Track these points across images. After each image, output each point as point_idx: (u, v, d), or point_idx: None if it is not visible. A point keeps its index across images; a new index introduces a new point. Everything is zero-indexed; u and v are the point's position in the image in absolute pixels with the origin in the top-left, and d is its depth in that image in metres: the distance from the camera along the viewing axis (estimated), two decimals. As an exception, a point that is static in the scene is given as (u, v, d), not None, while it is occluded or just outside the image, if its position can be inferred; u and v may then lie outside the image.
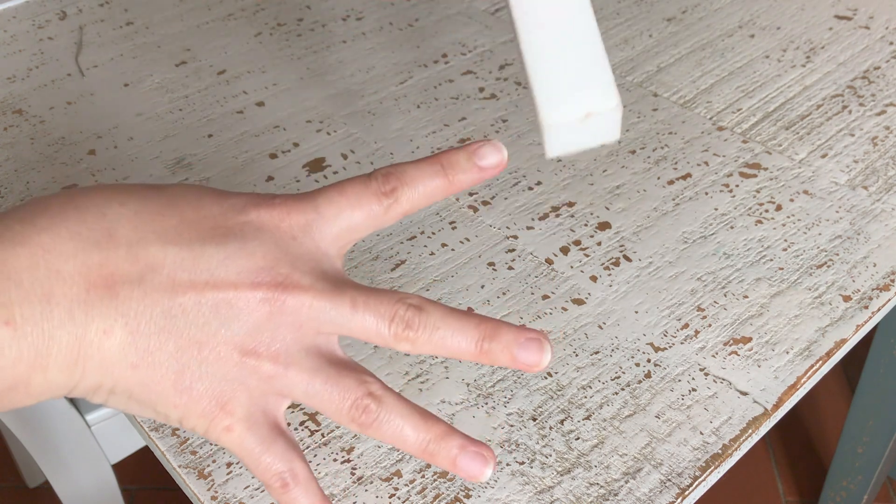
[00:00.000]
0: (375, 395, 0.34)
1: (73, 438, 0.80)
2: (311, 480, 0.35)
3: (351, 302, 0.34)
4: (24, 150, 0.67)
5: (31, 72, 0.75)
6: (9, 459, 1.37)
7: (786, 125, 0.67)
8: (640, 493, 0.44)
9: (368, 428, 0.34)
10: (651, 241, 0.58)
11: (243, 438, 0.33)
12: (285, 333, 0.33)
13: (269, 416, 0.34)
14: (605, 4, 0.82)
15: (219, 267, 0.32)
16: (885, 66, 0.73)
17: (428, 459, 0.34)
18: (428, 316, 0.34)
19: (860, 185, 0.62)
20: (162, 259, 0.32)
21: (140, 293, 0.31)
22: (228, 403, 0.33)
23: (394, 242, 0.58)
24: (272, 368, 0.33)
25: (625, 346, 0.51)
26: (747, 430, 0.47)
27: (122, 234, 0.32)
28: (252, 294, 0.32)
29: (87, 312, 0.31)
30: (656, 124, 0.68)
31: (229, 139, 0.67)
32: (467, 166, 0.35)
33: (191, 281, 0.32)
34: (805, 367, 0.50)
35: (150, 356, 0.32)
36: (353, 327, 0.34)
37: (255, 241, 0.33)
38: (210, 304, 0.32)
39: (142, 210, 0.33)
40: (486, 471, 0.35)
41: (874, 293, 0.54)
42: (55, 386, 0.31)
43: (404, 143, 0.67)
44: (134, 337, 0.31)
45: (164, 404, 0.33)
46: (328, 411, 0.34)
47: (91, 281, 0.31)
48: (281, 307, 0.33)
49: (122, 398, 0.33)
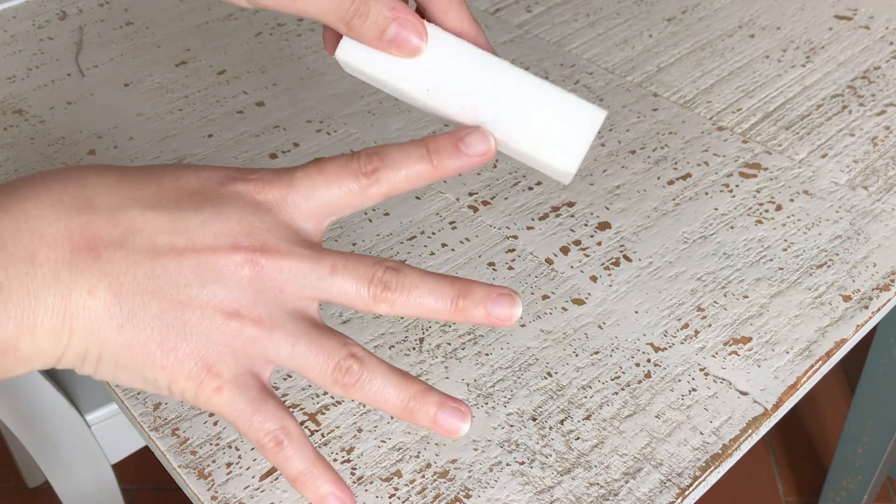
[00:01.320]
0: (357, 356, 0.34)
1: (73, 438, 0.80)
2: (303, 438, 0.35)
3: (331, 266, 0.34)
4: (24, 150, 0.67)
5: (31, 72, 0.75)
6: (9, 459, 1.37)
7: (786, 125, 0.67)
8: (640, 493, 0.44)
9: (351, 389, 0.34)
10: (651, 241, 0.58)
11: (234, 399, 0.34)
12: (267, 297, 0.34)
13: (256, 378, 0.34)
14: (605, 4, 0.82)
15: (196, 230, 0.33)
16: (885, 66, 0.73)
17: (408, 418, 0.35)
18: (405, 277, 0.35)
19: (860, 185, 0.62)
20: (142, 223, 0.32)
21: (122, 255, 0.32)
22: (215, 365, 0.33)
23: (394, 242, 0.58)
24: (256, 331, 0.33)
25: (625, 346, 0.51)
26: (747, 430, 0.47)
27: (103, 200, 0.33)
28: (231, 257, 0.33)
29: (71, 273, 0.31)
30: (656, 124, 0.68)
31: (229, 139, 0.67)
32: (453, 152, 0.36)
33: (171, 244, 0.32)
34: (805, 367, 0.50)
35: (135, 317, 0.32)
36: (333, 290, 0.34)
37: (231, 207, 0.34)
38: (190, 266, 0.32)
39: (121, 179, 0.34)
40: (464, 426, 0.35)
41: (874, 293, 0.54)
42: (43, 351, 0.31)
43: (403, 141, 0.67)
44: (118, 297, 0.32)
45: (151, 367, 0.33)
46: (312, 373, 0.34)
47: (74, 243, 0.31)
48: (260, 271, 0.33)
49: (110, 366, 0.33)
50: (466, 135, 0.36)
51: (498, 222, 0.60)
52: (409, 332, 0.53)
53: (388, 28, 0.35)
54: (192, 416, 0.48)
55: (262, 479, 0.46)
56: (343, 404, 0.49)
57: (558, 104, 0.36)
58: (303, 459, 0.35)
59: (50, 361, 0.32)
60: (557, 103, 0.36)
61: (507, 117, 0.36)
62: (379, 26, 0.35)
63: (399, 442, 0.47)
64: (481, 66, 0.36)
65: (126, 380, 0.34)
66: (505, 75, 0.36)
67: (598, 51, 0.76)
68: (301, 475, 0.34)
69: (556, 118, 0.36)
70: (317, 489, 0.35)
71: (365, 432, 0.48)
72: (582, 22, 0.80)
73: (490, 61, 0.36)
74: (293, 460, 0.34)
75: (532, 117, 0.36)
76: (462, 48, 0.36)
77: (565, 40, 0.77)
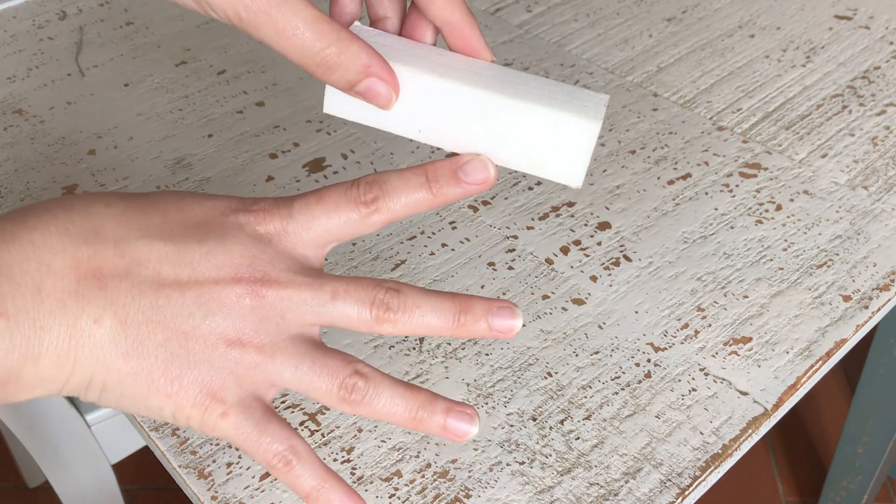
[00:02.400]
0: (362, 372, 0.35)
1: (73, 438, 0.80)
2: (312, 456, 0.35)
3: (332, 292, 0.35)
4: (24, 150, 0.67)
5: (31, 72, 0.75)
6: (9, 459, 1.37)
7: (786, 125, 0.67)
8: (640, 493, 0.44)
9: (359, 406, 0.35)
10: (651, 241, 0.58)
11: (240, 423, 0.34)
12: (269, 325, 0.34)
13: (260, 402, 0.35)
14: (605, 4, 0.82)
15: (200, 262, 0.33)
16: (885, 66, 0.73)
17: (418, 428, 0.36)
18: (406, 297, 0.35)
19: (860, 185, 0.62)
20: (147, 254, 0.33)
21: (128, 285, 0.32)
22: (220, 392, 0.34)
23: (394, 242, 0.58)
24: (258, 357, 0.34)
25: (625, 346, 0.51)
26: (747, 430, 0.47)
27: (109, 230, 0.33)
28: (233, 288, 0.33)
29: (77, 302, 0.32)
30: (656, 124, 0.68)
31: (229, 139, 0.67)
32: (452, 181, 0.36)
33: (175, 275, 0.33)
34: (805, 367, 0.50)
35: (140, 346, 0.32)
36: (335, 316, 0.35)
37: (233, 239, 0.34)
38: (193, 297, 0.33)
39: (127, 209, 0.34)
40: (473, 429, 0.36)
41: (874, 293, 0.54)
42: (47, 379, 0.32)
43: (404, 142, 0.67)
44: (123, 326, 0.32)
45: (156, 395, 0.33)
46: (318, 394, 0.35)
47: (81, 273, 0.32)
48: (262, 301, 0.34)
49: (115, 394, 0.33)
50: (465, 163, 0.36)
51: (498, 222, 0.60)
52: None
53: (360, 83, 0.35)
54: (192, 416, 0.49)
55: (262, 479, 0.46)
56: (343, 404, 0.49)
57: (550, 125, 0.35)
58: (314, 476, 0.35)
59: (54, 388, 0.32)
60: (549, 125, 0.35)
61: (503, 144, 0.36)
62: (349, 81, 0.35)
63: (399, 442, 0.47)
64: (466, 98, 0.35)
65: (131, 408, 0.34)
66: (492, 101, 0.35)
67: (598, 51, 0.76)
68: (313, 491, 0.35)
69: (551, 139, 0.36)
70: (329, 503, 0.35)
71: (365, 432, 0.48)
72: (582, 22, 0.80)
73: (475, 89, 0.35)
74: (304, 478, 0.35)
75: (527, 141, 0.36)
76: (442, 84, 0.35)
77: (565, 40, 0.77)
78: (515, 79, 0.37)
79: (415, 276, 0.56)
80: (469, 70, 0.36)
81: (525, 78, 0.37)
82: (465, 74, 0.36)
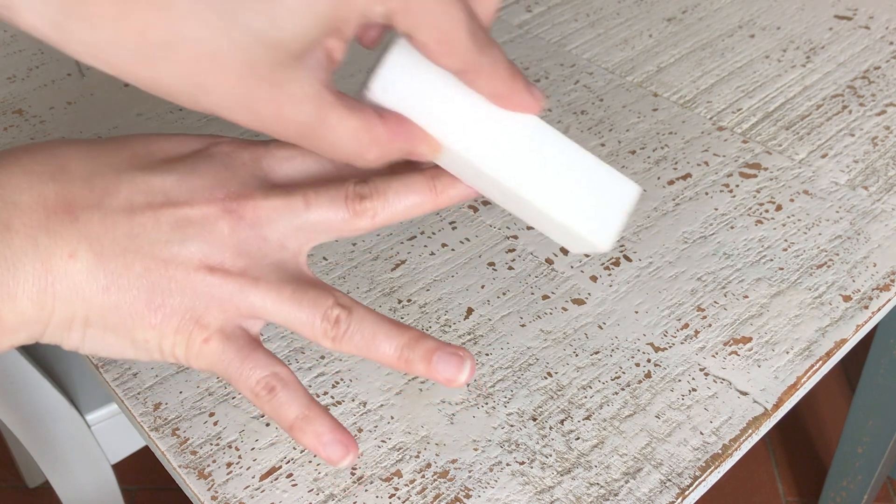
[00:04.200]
0: (344, 305, 0.34)
1: (73, 438, 0.80)
2: (296, 383, 0.34)
3: (303, 197, 0.34)
4: (24, 150, 0.67)
5: (31, 72, 0.75)
6: (9, 459, 1.37)
7: (786, 125, 0.67)
8: (640, 493, 0.44)
9: (341, 340, 0.34)
10: (651, 241, 0.58)
11: (223, 348, 0.33)
12: (250, 247, 0.33)
13: (244, 331, 0.34)
14: (605, 4, 0.82)
15: (172, 188, 0.33)
16: (885, 66, 0.73)
17: (404, 368, 0.34)
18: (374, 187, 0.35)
19: (860, 185, 0.62)
20: (117, 185, 0.32)
21: (100, 216, 0.32)
22: (203, 317, 0.33)
23: (394, 242, 0.58)
24: (240, 282, 0.33)
25: (625, 346, 0.51)
26: (747, 430, 0.47)
27: (76, 167, 0.33)
28: (208, 209, 0.33)
29: (49, 237, 0.31)
30: (656, 124, 0.68)
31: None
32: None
33: (147, 202, 0.32)
34: (805, 367, 0.50)
35: (119, 277, 0.32)
36: (315, 223, 0.34)
37: (204, 164, 0.34)
38: (169, 222, 0.32)
39: (92, 148, 0.34)
40: (464, 372, 0.34)
41: (874, 293, 0.54)
42: (28, 319, 0.31)
43: (404, 143, 0.67)
44: (100, 259, 0.32)
45: (141, 326, 0.33)
46: (299, 326, 0.34)
47: (49, 208, 0.31)
48: (240, 223, 0.33)
49: (98, 330, 0.33)
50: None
51: (498, 222, 0.60)
52: (409, 332, 0.53)
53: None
54: (192, 416, 0.49)
55: (262, 479, 0.46)
56: (344, 404, 0.49)
57: (566, 228, 0.34)
58: (298, 404, 0.34)
59: (36, 330, 0.32)
60: (565, 228, 0.34)
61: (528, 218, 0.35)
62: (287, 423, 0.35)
63: (399, 442, 0.47)
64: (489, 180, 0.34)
65: (116, 345, 0.33)
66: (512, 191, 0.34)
67: (598, 51, 0.76)
68: (297, 420, 0.34)
69: (568, 236, 0.34)
70: (316, 434, 0.34)
71: (365, 432, 0.48)
72: (582, 22, 0.80)
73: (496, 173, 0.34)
74: (288, 406, 0.34)
75: (548, 226, 0.35)
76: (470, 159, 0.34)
77: (565, 40, 0.77)
78: (548, 151, 0.34)
79: (415, 277, 0.56)
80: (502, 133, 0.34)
81: (559, 149, 0.34)
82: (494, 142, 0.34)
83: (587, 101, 0.70)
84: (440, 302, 0.54)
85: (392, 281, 0.56)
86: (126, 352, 0.34)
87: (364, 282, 0.56)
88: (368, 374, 0.50)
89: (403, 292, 0.55)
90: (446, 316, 0.53)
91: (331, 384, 0.50)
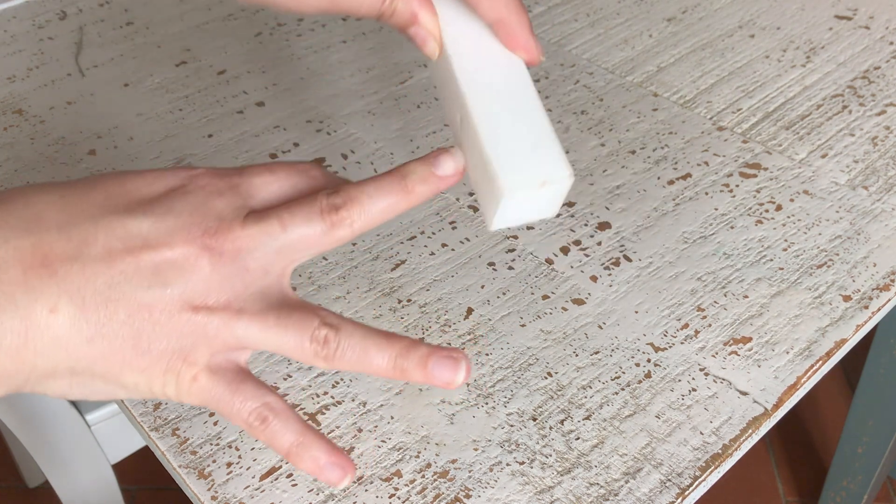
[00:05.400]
0: (331, 323, 0.34)
1: (73, 438, 0.80)
2: (287, 411, 0.34)
3: (277, 219, 0.34)
4: (24, 150, 0.67)
5: (31, 72, 0.75)
6: (9, 459, 1.37)
7: (786, 125, 0.67)
8: (640, 493, 0.44)
9: (332, 359, 0.34)
10: (651, 241, 0.58)
11: (212, 384, 0.33)
12: (234, 281, 0.33)
13: (232, 363, 0.34)
14: (605, 4, 0.82)
15: (149, 231, 0.32)
16: (885, 66, 0.73)
17: (399, 377, 0.34)
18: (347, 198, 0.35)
19: (860, 185, 0.62)
20: (94, 233, 0.32)
21: (79, 267, 0.31)
22: (190, 355, 0.33)
23: (394, 242, 0.58)
24: (224, 317, 0.33)
25: (625, 346, 0.51)
26: (747, 430, 0.47)
27: (51, 216, 0.32)
28: (187, 249, 0.33)
29: (28, 293, 0.30)
30: (656, 124, 0.68)
31: (229, 139, 0.67)
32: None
33: (125, 248, 0.32)
34: (805, 367, 0.50)
35: (103, 327, 0.32)
36: (293, 241, 0.34)
37: (180, 202, 0.33)
38: (149, 267, 0.32)
39: (66, 194, 0.33)
40: (460, 374, 0.34)
41: (874, 293, 0.54)
42: (7, 373, 0.31)
43: (404, 143, 0.67)
44: (82, 310, 0.31)
45: (130, 372, 0.33)
46: (288, 351, 0.34)
47: (27, 263, 0.31)
48: (220, 257, 0.33)
49: (86, 378, 0.33)
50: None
51: (498, 222, 0.60)
52: (408, 333, 0.53)
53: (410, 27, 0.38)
54: (192, 416, 0.48)
55: (262, 479, 0.46)
56: (344, 404, 0.49)
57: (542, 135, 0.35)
58: (291, 431, 0.34)
59: (16, 383, 0.32)
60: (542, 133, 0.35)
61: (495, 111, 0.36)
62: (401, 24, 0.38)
63: (399, 442, 0.47)
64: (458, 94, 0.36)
65: (105, 390, 0.33)
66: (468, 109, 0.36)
67: (598, 51, 0.76)
68: (293, 447, 0.34)
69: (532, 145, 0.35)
70: (313, 459, 0.34)
71: (365, 432, 0.48)
72: (582, 22, 0.80)
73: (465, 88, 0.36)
74: (282, 434, 0.34)
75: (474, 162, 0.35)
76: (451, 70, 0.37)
77: (565, 40, 0.77)
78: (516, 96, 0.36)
79: (415, 276, 0.56)
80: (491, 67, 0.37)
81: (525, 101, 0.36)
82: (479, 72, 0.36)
83: (587, 101, 0.70)
84: (440, 302, 0.54)
85: (392, 281, 0.56)
86: (117, 394, 0.34)
87: (364, 282, 0.56)
88: (368, 374, 0.50)
89: (403, 292, 0.55)
90: (446, 316, 0.53)
91: (331, 384, 0.50)
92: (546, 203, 0.35)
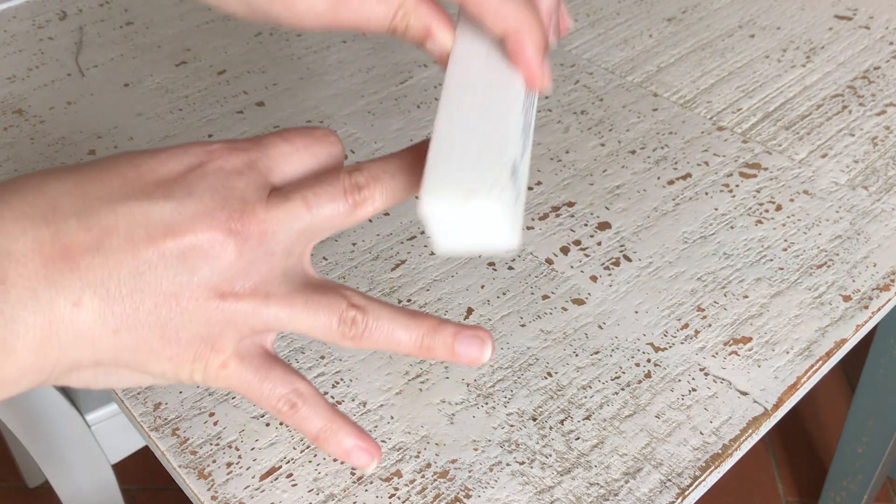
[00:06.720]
0: (358, 305, 0.34)
1: (73, 438, 0.80)
2: (317, 396, 0.34)
3: (302, 199, 0.33)
4: (24, 150, 0.67)
5: (31, 72, 0.75)
6: (9, 459, 1.37)
7: (786, 125, 0.67)
8: (640, 493, 0.44)
9: (360, 339, 0.34)
10: (651, 241, 0.58)
11: (240, 371, 0.33)
12: (260, 265, 0.33)
13: (259, 347, 0.34)
14: (605, 4, 0.82)
15: (172, 217, 0.32)
16: (885, 66, 0.73)
17: (425, 355, 0.34)
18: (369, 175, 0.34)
19: (860, 185, 0.62)
20: (114, 221, 0.31)
21: (101, 259, 0.30)
22: (217, 342, 0.33)
23: (394, 242, 0.58)
24: (252, 303, 0.33)
25: (625, 346, 0.51)
26: (747, 430, 0.47)
27: (67, 204, 0.31)
28: (212, 234, 0.32)
29: (50, 288, 0.30)
30: (656, 124, 0.68)
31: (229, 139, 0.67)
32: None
33: (148, 235, 0.31)
34: (805, 367, 0.50)
35: (129, 318, 0.31)
36: (318, 222, 0.33)
37: (200, 185, 0.33)
38: (174, 254, 0.31)
39: (81, 180, 0.32)
40: (486, 352, 0.34)
41: (874, 293, 0.54)
42: (29, 369, 0.30)
43: (404, 142, 0.67)
44: (107, 303, 0.31)
45: (157, 360, 0.32)
46: (317, 332, 0.34)
47: (46, 255, 0.30)
48: (245, 241, 0.32)
49: (111, 368, 0.32)
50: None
51: (498, 222, 0.60)
52: (409, 332, 0.53)
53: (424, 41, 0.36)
54: (192, 416, 0.48)
55: (262, 479, 0.46)
56: (343, 404, 0.49)
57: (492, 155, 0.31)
58: (320, 417, 0.34)
59: (39, 378, 0.31)
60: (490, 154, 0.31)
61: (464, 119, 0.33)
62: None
63: (399, 442, 0.47)
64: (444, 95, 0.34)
65: (132, 378, 0.33)
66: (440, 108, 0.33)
67: (598, 51, 0.76)
68: (321, 432, 0.34)
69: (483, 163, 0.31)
70: (340, 444, 0.34)
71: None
72: (582, 22, 0.80)
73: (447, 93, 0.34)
74: (310, 419, 0.34)
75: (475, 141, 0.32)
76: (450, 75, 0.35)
77: (565, 40, 0.77)
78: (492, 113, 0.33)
79: (415, 276, 0.56)
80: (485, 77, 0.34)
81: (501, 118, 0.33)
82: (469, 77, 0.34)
83: (587, 101, 0.70)
84: (440, 302, 0.54)
85: (392, 281, 0.56)
86: (143, 382, 0.33)
87: (364, 282, 0.56)
88: (368, 374, 0.50)
89: (403, 292, 0.55)
90: (446, 316, 0.53)
91: (331, 384, 0.50)
92: (489, 227, 0.31)
